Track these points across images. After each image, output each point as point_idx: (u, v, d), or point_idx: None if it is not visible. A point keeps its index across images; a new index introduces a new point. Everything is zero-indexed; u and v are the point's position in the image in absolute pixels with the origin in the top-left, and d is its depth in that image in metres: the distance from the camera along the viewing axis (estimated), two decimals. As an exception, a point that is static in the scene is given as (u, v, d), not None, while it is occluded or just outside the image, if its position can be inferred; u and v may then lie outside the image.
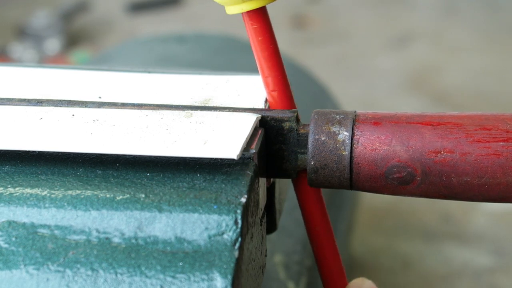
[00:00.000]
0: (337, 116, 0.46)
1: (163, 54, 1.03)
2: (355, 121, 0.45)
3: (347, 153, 0.45)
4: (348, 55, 1.84)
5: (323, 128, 0.45)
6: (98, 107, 0.47)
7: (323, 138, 0.45)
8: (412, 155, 0.44)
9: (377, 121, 0.45)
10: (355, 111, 0.46)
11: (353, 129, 0.45)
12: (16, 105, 0.48)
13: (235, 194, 0.42)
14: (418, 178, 0.44)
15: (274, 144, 0.47)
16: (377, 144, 0.45)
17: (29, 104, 0.48)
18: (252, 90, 0.50)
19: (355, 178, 0.45)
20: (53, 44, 1.88)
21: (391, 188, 0.45)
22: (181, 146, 0.43)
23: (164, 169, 0.44)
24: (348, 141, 0.45)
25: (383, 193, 0.46)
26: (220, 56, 1.03)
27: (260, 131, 0.46)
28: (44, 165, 0.44)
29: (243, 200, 0.41)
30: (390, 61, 1.80)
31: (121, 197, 0.42)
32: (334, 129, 0.45)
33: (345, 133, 0.45)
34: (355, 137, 0.45)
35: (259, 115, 0.46)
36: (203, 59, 1.01)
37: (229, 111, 0.47)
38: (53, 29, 1.90)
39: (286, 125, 0.47)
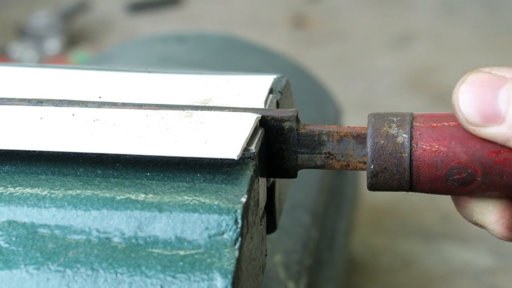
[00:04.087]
0: (394, 118, 0.45)
1: (163, 54, 1.03)
2: (412, 123, 0.45)
3: (406, 155, 0.44)
4: (348, 55, 1.84)
5: (381, 131, 0.45)
6: (99, 107, 0.47)
7: (382, 141, 0.45)
8: (472, 156, 0.43)
9: (435, 123, 0.45)
10: (411, 113, 0.46)
11: (411, 131, 0.45)
12: (16, 105, 0.48)
13: (235, 194, 0.42)
14: (478, 179, 0.44)
15: (275, 144, 0.47)
16: (436, 146, 0.44)
17: (29, 104, 0.48)
18: (252, 90, 0.50)
19: (415, 180, 0.45)
20: (53, 44, 1.88)
21: (451, 189, 0.45)
22: (182, 146, 0.43)
23: (164, 169, 0.44)
24: (407, 143, 0.44)
25: (442, 194, 0.45)
26: (220, 56, 1.03)
27: (260, 131, 0.46)
28: (44, 165, 0.44)
29: (243, 200, 0.41)
30: (390, 61, 1.80)
31: (121, 197, 0.42)
32: (393, 131, 0.45)
33: (404, 135, 0.44)
34: (414, 140, 0.44)
35: (259, 115, 0.46)
36: (203, 59, 1.01)
37: (229, 111, 0.47)
38: (53, 29, 1.89)
39: (286, 125, 0.47)
